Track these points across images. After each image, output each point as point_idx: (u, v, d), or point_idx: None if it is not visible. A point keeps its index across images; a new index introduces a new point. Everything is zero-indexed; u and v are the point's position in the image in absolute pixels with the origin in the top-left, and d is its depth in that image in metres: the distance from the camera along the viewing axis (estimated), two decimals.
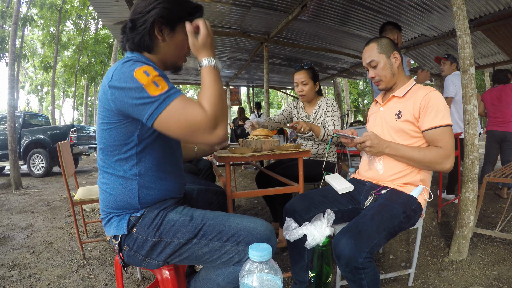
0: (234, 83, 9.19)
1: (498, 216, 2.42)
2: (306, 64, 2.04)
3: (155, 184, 0.93)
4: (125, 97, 0.79)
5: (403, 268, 1.77)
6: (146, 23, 0.88)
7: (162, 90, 0.79)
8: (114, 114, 0.85)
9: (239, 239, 0.88)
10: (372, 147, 1.23)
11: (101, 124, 0.89)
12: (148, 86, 0.78)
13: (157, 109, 0.78)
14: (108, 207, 0.92)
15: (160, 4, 0.88)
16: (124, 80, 0.79)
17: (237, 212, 2.98)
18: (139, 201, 0.90)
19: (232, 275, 0.90)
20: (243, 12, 3.90)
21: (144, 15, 0.89)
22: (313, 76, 2.04)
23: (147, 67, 0.81)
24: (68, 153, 2.13)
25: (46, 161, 6.35)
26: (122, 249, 0.92)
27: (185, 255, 0.91)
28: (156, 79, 0.80)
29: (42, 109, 20.30)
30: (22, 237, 2.48)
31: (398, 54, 1.35)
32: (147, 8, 0.88)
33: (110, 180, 0.91)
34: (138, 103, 0.79)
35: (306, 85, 2.02)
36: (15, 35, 5.13)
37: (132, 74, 0.79)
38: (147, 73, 0.79)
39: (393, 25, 2.51)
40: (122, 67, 0.82)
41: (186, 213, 0.93)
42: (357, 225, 1.06)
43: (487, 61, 5.60)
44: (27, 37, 15.79)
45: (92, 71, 12.41)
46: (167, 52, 0.95)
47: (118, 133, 0.87)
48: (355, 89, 19.52)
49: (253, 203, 3.28)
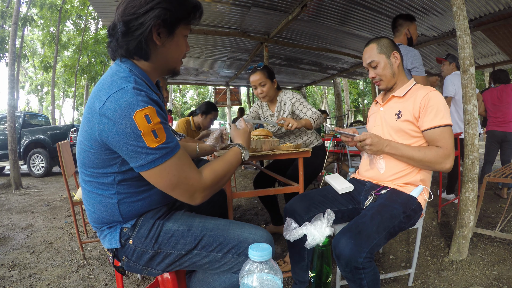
0: (234, 83, 9.19)
1: (498, 216, 2.42)
2: (259, 65, 2.01)
3: (136, 198, 0.86)
4: (115, 135, 0.71)
5: (403, 268, 1.77)
6: (143, 27, 0.76)
7: (160, 143, 0.73)
8: (96, 143, 0.76)
9: (239, 251, 0.87)
10: (372, 145, 1.23)
11: (81, 143, 0.81)
12: (146, 135, 0.71)
13: (151, 162, 0.73)
14: (95, 222, 0.89)
15: (160, 3, 0.77)
16: (120, 117, 0.70)
17: (237, 212, 2.98)
18: (121, 216, 0.85)
19: (229, 281, 0.90)
20: (243, 12, 3.90)
21: (140, 16, 0.76)
22: (269, 75, 2.01)
23: (150, 109, 0.72)
24: (68, 153, 2.13)
25: (46, 161, 6.34)
26: (120, 259, 0.90)
27: (185, 265, 0.89)
28: (156, 128, 0.72)
29: (42, 109, 20.29)
30: (22, 237, 2.48)
31: (398, 54, 1.35)
32: (144, 8, 0.76)
33: (90, 196, 0.86)
34: (130, 149, 0.72)
35: (264, 85, 1.99)
36: (15, 35, 5.14)
37: (131, 116, 0.70)
38: (149, 119, 0.71)
39: (403, 18, 2.26)
40: (120, 97, 0.71)
41: (184, 222, 0.89)
42: (357, 225, 1.06)
43: (487, 61, 5.60)
44: (27, 37, 15.77)
45: (92, 71, 12.39)
46: (165, 58, 0.86)
47: (97, 159, 0.79)
48: (355, 89, 19.50)
49: (253, 203, 3.28)
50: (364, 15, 3.87)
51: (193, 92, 24.48)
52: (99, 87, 0.76)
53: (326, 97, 20.63)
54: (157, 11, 0.77)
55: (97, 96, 0.75)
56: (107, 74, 0.79)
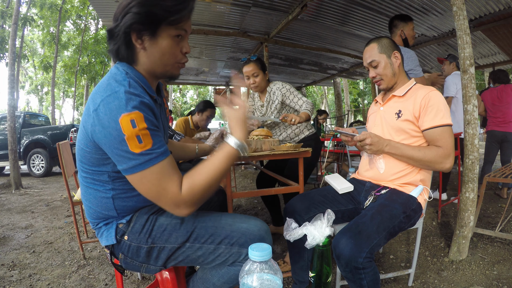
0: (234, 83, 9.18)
1: (498, 216, 2.42)
2: (253, 56, 2.05)
3: (131, 194, 0.87)
4: (104, 138, 0.73)
5: (403, 268, 1.77)
6: (120, 32, 0.78)
7: (144, 149, 0.72)
8: (91, 143, 0.79)
9: (232, 241, 0.86)
10: (372, 145, 1.23)
11: (79, 141, 0.83)
12: (130, 140, 0.71)
13: (132, 168, 0.73)
14: (92, 217, 0.90)
15: (133, 8, 0.76)
16: (108, 120, 0.72)
17: (237, 212, 2.98)
18: (116, 211, 0.87)
19: (227, 275, 0.89)
20: (243, 12, 3.90)
21: (119, 22, 0.78)
22: (262, 67, 2.06)
23: (136, 114, 0.72)
24: (68, 153, 2.13)
25: (46, 161, 6.34)
26: (117, 257, 0.90)
27: (179, 259, 0.89)
28: (141, 134, 0.72)
29: (42, 109, 20.29)
30: (22, 237, 2.48)
31: (398, 54, 1.35)
32: (121, 14, 0.78)
33: (87, 191, 0.88)
34: (116, 152, 0.74)
35: (257, 76, 2.03)
36: (15, 35, 5.13)
37: (117, 118, 0.71)
38: (134, 123, 0.71)
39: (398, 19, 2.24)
40: (111, 100, 0.72)
41: (177, 216, 0.87)
42: (357, 225, 1.06)
43: (487, 61, 5.60)
44: (27, 37, 15.77)
45: (92, 71, 12.39)
46: (151, 62, 0.83)
47: (92, 158, 0.81)
48: (355, 89, 19.50)
49: (253, 203, 3.28)
50: (364, 15, 3.87)
51: (193, 92, 24.49)
52: (96, 89, 0.78)
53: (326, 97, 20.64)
54: (129, 15, 0.76)
55: (93, 98, 0.76)
56: (106, 77, 0.81)
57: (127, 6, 0.77)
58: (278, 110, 2.07)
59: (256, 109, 2.25)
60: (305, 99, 2.00)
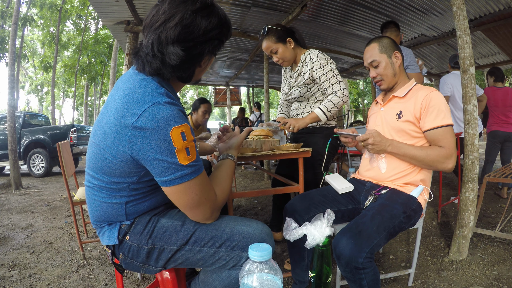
0: (234, 83, 9.19)
1: (498, 216, 2.42)
2: (263, 31, 1.75)
3: (143, 200, 0.87)
4: (148, 149, 0.72)
5: (403, 268, 1.77)
6: (201, 56, 0.82)
7: (191, 160, 0.74)
8: (123, 156, 0.76)
9: (233, 245, 0.85)
10: (375, 144, 1.23)
11: (101, 150, 0.79)
12: (179, 152, 0.72)
13: (179, 178, 0.74)
14: (97, 220, 0.90)
15: (219, 34, 0.82)
16: (156, 132, 0.70)
17: (237, 212, 2.98)
18: (125, 216, 0.87)
19: (227, 279, 0.88)
20: (243, 12, 3.90)
21: (199, 45, 0.79)
22: (279, 38, 1.73)
23: (186, 127, 0.73)
24: (68, 153, 2.13)
25: (46, 161, 6.34)
26: (118, 257, 0.90)
27: (179, 261, 0.88)
28: (190, 146, 0.74)
29: (42, 109, 20.29)
30: (22, 237, 2.48)
31: (399, 54, 1.35)
32: (203, 38, 0.79)
33: (95, 199, 0.86)
34: (161, 165, 0.73)
35: (276, 52, 1.75)
36: (15, 35, 5.14)
37: (168, 132, 0.70)
38: (184, 136, 0.72)
39: (394, 24, 2.58)
40: (156, 112, 0.71)
41: (179, 218, 0.89)
42: (357, 225, 1.06)
43: (487, 61, 5.60)
44: (27, 37, 15.77)
45: (92, 71, 12.40)
46: (199, 75, 0.90)
47: (118, 170, 0.79)
48: (355, 89, 19.50)
49: (253, 203, 3.28)
50: (364, 15, 3.87)
51: (193, 92, 24.48)
52: (128, 99, 0.74)
53: None
54: (216, 42, 0.83)
55: (128, 109, 0.73)
56: (135, 85, 0.77)
57: (211, 32, 0.80)
58: (307, 85, 1.76)
59: (285, 80, 1.97)
60: (337, 87, 1.65)
